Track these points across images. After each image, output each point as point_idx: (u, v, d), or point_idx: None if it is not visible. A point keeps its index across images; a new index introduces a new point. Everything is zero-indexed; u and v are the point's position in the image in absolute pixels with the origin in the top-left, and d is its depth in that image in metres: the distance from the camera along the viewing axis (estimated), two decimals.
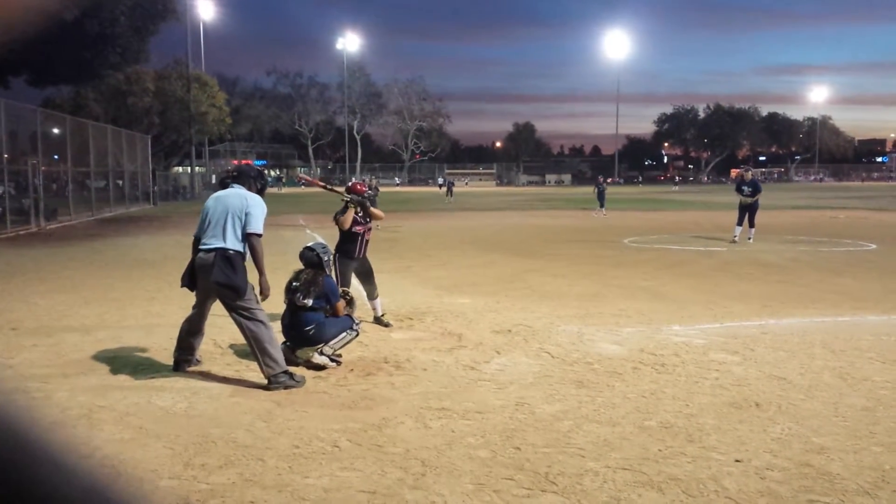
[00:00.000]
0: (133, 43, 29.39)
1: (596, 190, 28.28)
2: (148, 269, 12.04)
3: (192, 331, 5.59)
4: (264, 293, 5.35)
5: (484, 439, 4.12)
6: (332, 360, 5.74)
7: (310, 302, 5.78)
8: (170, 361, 5.71)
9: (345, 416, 4.56)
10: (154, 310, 8.24)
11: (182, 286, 5.55)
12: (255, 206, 5.37)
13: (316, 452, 3.94)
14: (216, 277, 5.15)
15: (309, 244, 6.28)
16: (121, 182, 33.06)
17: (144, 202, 36.25)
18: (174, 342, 5.68)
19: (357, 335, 5.98)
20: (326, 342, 5.74)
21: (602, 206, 27.45)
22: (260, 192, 5.59)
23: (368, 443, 4.08)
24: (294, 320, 5.82)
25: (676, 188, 71.09)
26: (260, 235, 5.34)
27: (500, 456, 3.88)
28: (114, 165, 30.88)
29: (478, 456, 3.88)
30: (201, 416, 4.59)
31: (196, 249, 5.41)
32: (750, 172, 16.73)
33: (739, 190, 16.28)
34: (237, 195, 5.42)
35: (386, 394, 5.03)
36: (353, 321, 6.03)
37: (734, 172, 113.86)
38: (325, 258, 6.13)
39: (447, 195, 41.14)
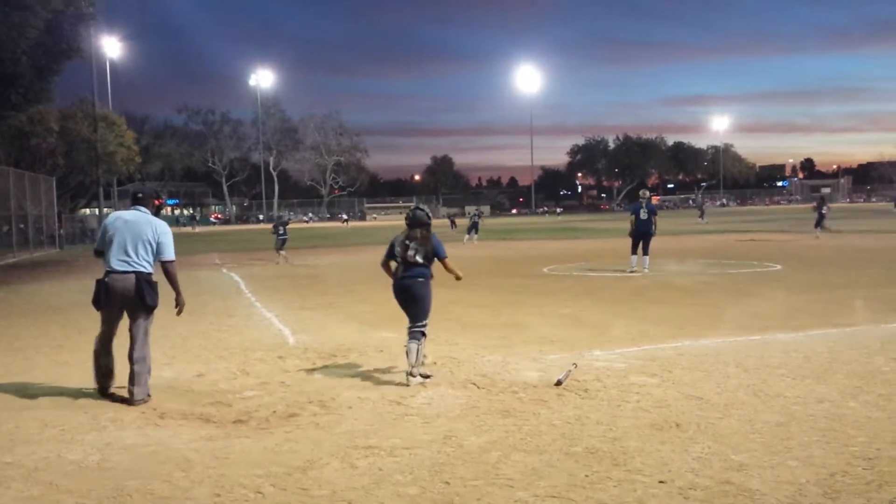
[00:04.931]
0: (35, 83, 28.41)
1: (471, 220, 31.64)
2: (54, 315, 11.50)
3: (105, 350, 5.83)
4: (180, 307, 5.95)
5: (412, 476, 4.07)
6: (425, 378, 6.19)
7: (420, 259, 6.45)
8: (81, 411, 5.48)
9: (268, 460, 4.43)
10: (62, 358, 7.86)
11: (99, 308, 5.80)
12: (165, 234, 5.84)
13: (238, 500, 3.81)
14: (149, 301, 5.68)
15: (418, 205, 6.94)
16: (24, 226, 31.66)
17: (50, 246, 34.81)
18: (84, 392, 5.50)
19: (425, 338, 6.40)
20: (424, 314, 6.45)
21: (475, 233, 30.64)
22: (157, 211, 6.15)
23: (293, 487, 3.97)
24: (406, 272, 6.47)
25: (559, 217, 78.28)
26: (174, 261, 5.87)
27: (429, 492, 3.83)
28: (16, 209, 29.53)
29: (406, 493, 3.82)
30: (115, 468, 4.37)
31: (107, 270, 5.69)
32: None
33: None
34: (145, 221, 5.81)
35: (310, 434, 4.92)
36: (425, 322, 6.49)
37: (655, 199, 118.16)
38: (431, 219, 6.68)
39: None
